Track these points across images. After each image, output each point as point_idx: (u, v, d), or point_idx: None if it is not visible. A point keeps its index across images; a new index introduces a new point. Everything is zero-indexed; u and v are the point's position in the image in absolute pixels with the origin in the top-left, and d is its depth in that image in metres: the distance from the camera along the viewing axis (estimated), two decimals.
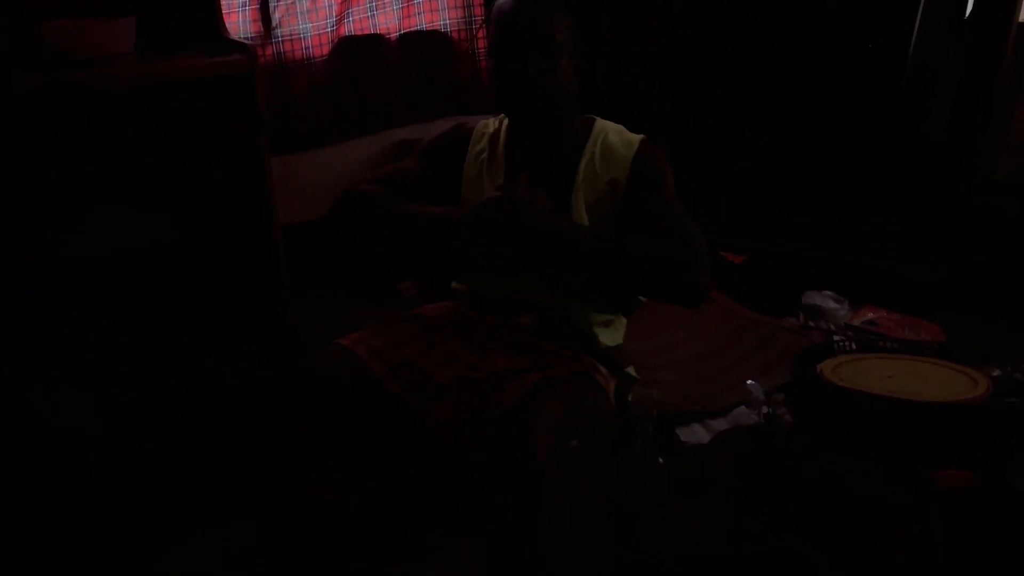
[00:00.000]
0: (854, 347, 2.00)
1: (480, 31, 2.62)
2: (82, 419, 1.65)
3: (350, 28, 2.45)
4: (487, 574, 1.19)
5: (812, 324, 2.22)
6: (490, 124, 1.60)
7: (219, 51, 1.89)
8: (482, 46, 2.64)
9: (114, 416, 1.65)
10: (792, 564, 1.37)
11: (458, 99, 2.68)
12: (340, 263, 2.48)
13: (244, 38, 2.20)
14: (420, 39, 2.58)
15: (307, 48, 2.37)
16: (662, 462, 1.65)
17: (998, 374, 1.80)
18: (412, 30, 2.56)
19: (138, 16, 1.86)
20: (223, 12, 2.03)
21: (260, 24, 2.27)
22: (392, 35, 2.53)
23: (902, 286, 2.37)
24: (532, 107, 1.45)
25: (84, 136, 1.78)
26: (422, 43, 2.58)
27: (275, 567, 1.41)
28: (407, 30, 2.55)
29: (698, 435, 1.77)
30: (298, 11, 2.33)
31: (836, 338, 2.09)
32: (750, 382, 1.85)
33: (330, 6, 2.37)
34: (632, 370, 1.56)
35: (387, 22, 2.51)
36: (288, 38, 2.33)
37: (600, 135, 1.51)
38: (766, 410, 1.78)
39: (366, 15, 2.47)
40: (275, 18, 2.29)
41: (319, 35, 2.38)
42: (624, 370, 1.52)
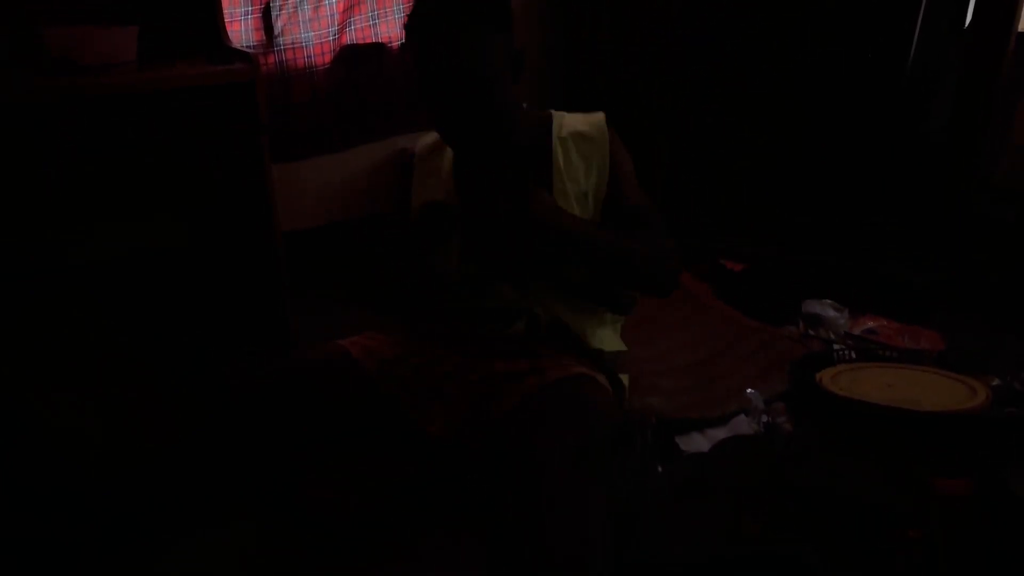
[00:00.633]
0: (854, 356, 2.00)
1: None
2: (82, 419, 1.66)
3: (352, 36, 2.46)
4: (487, 574, 1.19)
5: (812, 332, 2.22)
6: (429, 141, 1.56)
7: (221, 59, 1.91)
8: None
9: (114, 416, 1.65)
10: (792, 570, 1.37)
11: None
12: (341, 269, 2.49)
13: (246, 46, 2.21)
14: (408, 38, 2.58)
15: (309, 56, 2.38)
16: (661, 469, 1.65)
17: (997, 383, 1.79)
18: None
19: (141, 24, 1.87)
20: (226, 20, 2.05)
21: (262, 32, 2.29)
22: (394, 43, 2.54)
23: (901, 291, 2.37)
24: (471, 141, 1.39)
25: (87, 142, 1.79)
26: None
27: (275, 567, 1.41)
28: None
29: (697, 443, 1.77)
30: (300, 20, 2.34)
31: (836, 347, 2.09)
32: (750, 390, 1.84)
33: (332, 15, 2.39)
34: (625, 378, 1.56)
35: (388, 31, 2.52)
36: (290, 46, 2.34)
37: (563, 127, 1.46)
38: (766, 419, 1.78)
39: (368, 24, 2.48)
40: (277, 26, 2.30)
41: (321, 43, 2.39)
42: (617, 376, 1.52)
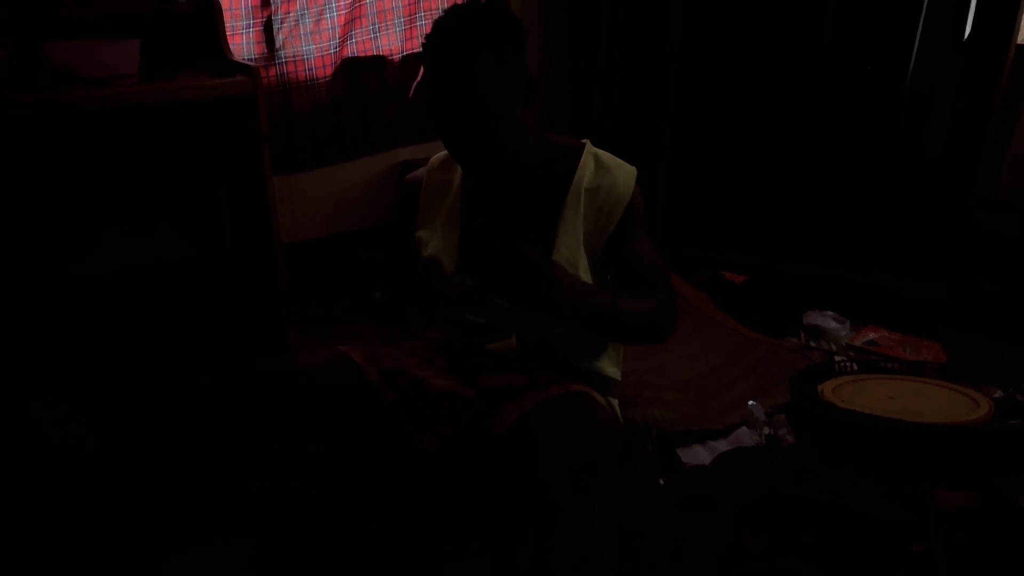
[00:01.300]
0: (855, 367, 2.00)
1: None
2: (80, 433, 1.66)
3: (353, 49, 2.47)
4: None
5: (813, 344, 2.21)
6: (441, 157, 1.56)
7: (223, 72, 1.91)
8: None
9: (112, 430, 1.65)
10: None
11: None
12: (342, 280, 2.49)
13: (248, 59, 2.22)
14: (422, 60, 2.60)
15: (310, 69, 2.39)
16: (662, 483, 1.65)
17: (999, 395, 1.79)
18: (414, 51, 2.58)
19: (143, 37, 1.88)
20: (228, 34, 2.06)
21: (264, 45, 2.30)
22: (395, 56, 2.55)
23: (902, 304, 2.37)
24: (483, 168, 1.39)
25: (87, 154, 1.80)
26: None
27: None
28: (409, 51, 2.57)
29: (699, 456, 1.76)
30: (301, 33, 2.35)
31: (837, 358, 2.08)
32: (751, 403, 1.84)
33: (333, 28, 2.40)
34: (616, 403, 1.55)
35: (389, 43, 2.53)
36: (291, 59, 2.35)
37: (591, 163, 1.43)
38: (767, 431, 1.78)
39: (369, 37, 2.49)
40: (279, 39, 2.32)
41: (322, 56, 2.40)
42: (608, 398, 1.51)
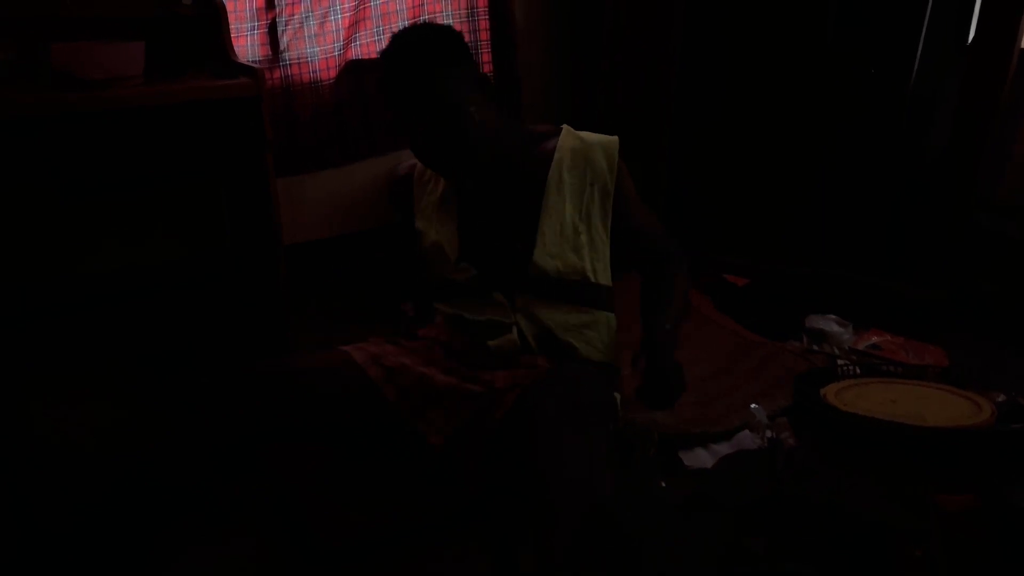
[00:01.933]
0: (858, 371, 2.00)
1: (485, 55, 2.64)
2: (80, 433, 1.66)
3: (357, 52, 2.48)
4: None
5: (815, 347, 2.21)
6: None
7: (226, 74, 1.92)
8: (487, 70, 2.67)
9: (111, 432, 1.65)
10: None
11: None
12: (344, 282, 2.49)
13: (252, 61, 2.22)
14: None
15: (314, 71, 2.39)
16: (664, 485, 1.65)
17: (1002, 399, 1.79)
18: None
19: (148, 39, 1.88)
20: (232, 36, 2.06)
21: (268, 47, 2.30)
22: None
23: (904, 308, 2.37)
24: (449, 166, 1.50)
25: (90, 156, 1.80)
26: None
27: None
28: None
29: (701, 458, 1.76)
30: (306, 35, 2.36)
31: (840, 362, 2.08)
32: (753, 405, 1.84)
33: (337, 30, 2.40)
34: (619, 398, 1.56)
35: None
36: (296, 61, 2.36)
37: (569, 140, 1.54)
38: (770, 434, 1.78)
39: (373, 39, 2.49)
40: (283, 42, 2.32)
41: (326, 58, 2.40)
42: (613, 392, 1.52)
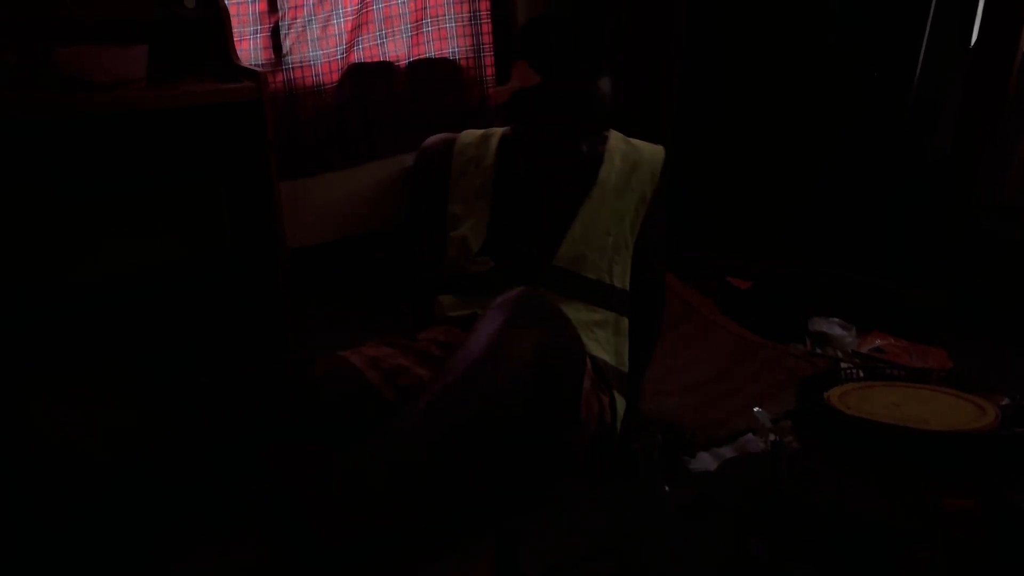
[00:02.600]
0: (861, 374, 1.99)
1: (488, 59, 2.65)
2: (80, 433, 1.66)
3: (360, 55, 2.48)
4: None
5: (819, 351, 2.21)
6: (474, 133, 1.66)
7: (229, 78, 1.92)
8: (490, 74, 2.67)
9: (113, 434, 1.65)
10: None
11: (466, 125, 2.69)
12: (346, 285, 2.49)
13: (255, 65, 2.23)
14: (429, 66, 2.61)
15: (317, 75, 2.40)
16: (667, 488, 1.64)
17: (1007, 403, 1.78)
18: (421, 57, 2.59)
19: (151, 43, 1.88)
20: (235, 39, 2.06)
21: (271, 51, 2.30)
22: (401, 62, 2.56)
23: (908, 311, 2.37)
24: (569, 124, 1.53)
25: (93, 158, 1.81)
26: (431, 70, 2.61)
27: None
28: (416, 57, 2.58)
29: (704, 462, 1.76)
30: (308, 38, 2.36)
31: (843, 365, 2.08)
32: (757, 409, 1.84)
33: (340, 34, 2.40)
34: (622, 402, 1.56)
35: (396, 50, 2.54)
36: (298, 65, 2.36)
37: (621, 144, 1.58)
38: (773, 437, 1.77)
39: (375, 43, 2.50)
40: (286, 45, 2.32)
41: (329, 62, 2.41)
42: (614, 394, 1.52)
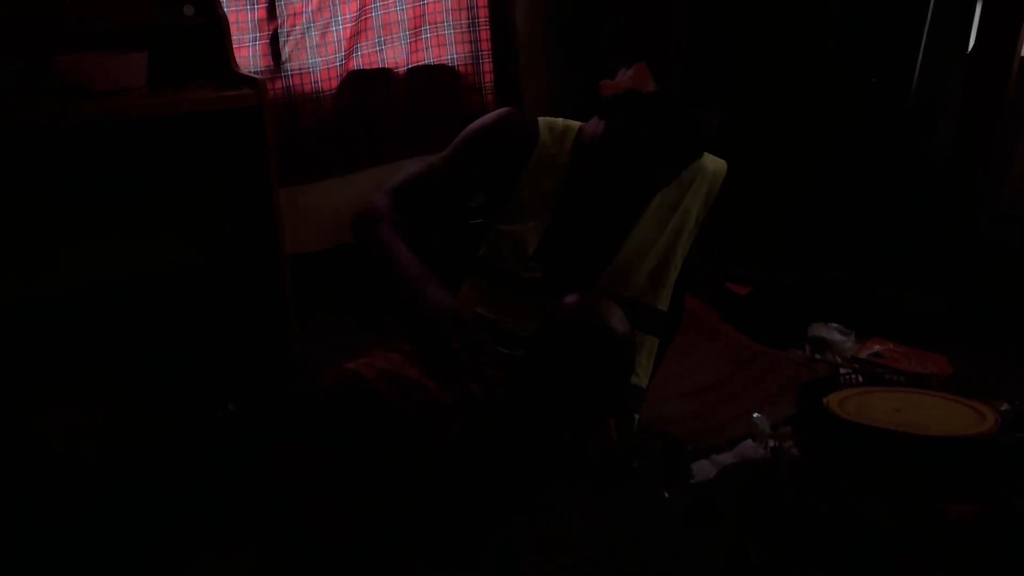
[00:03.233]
0: (861, 380, 1.99)
1: (487, 65, 2.65)
2: (80, 433, 1.66)
3: (359, 62, 2.49)
4: None
5: (818, 356, 2.21)
6: (556, 124, 1.56)
7: (229, 85, 1.93)
8: (489, 80, 2.68)
9: (115, 440, 1.65)
10: None
11: None
12: (347, 291, 2.49)
13: (254, 72, 2.23)
14: (428, 73, 2.61)
15: (316, 82, 2.40)
16: (667, 495, 1.64)
17: (1006, 408, 1.78)
18: (420, 64, 2.59)
19: (151, 50, 1.89)
20: (234, 47, 2.07)
21: (270, 58, 2.31)
22: (400, 69, 2.56)
23: (907, 317, 2.37)
24: (677, 135, 1.46)
25: (95, 164, 1.81)
26: (430, 77, 2.62)
27: None
28: (415, 64, 2.59)
29: (704, 469, 1.76)
30: (307, 45, 2.36)
31: (842, 371, 2.08)
32: (756, 415, 1.84)
33: (339, 41, 2.41)
34: (635, 418, 1.56)
35: (395, 56, 2.54)
36: (297, 72, 2.37)
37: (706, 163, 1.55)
38: (772, 443, 1.77)
39: (374, 49, 2.50)
40: (285, 52, 2.33)
41: (328, 69, 2.41)
42: (629, 414, 1.52)
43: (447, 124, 2.68)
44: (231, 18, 2.09)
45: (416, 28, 2.55)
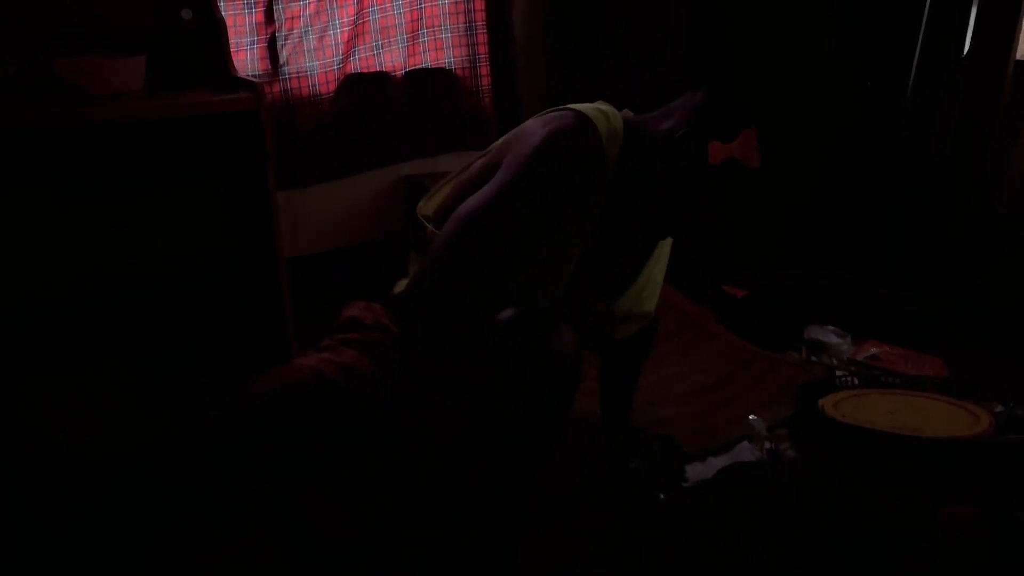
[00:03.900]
0: (856, 382, 2.00)
1: (484, 68, 2.66)
2: (79, 436, 1.66)
3: (356, 66, 2.49)
4: None
5: (814, 359, 2.21)
6: (613, 132, 1.41)
7: (226, 88, 1.93)
8: (486, 83, 2.68)
9: (115, 440, 1.65)
10: None
11: (462, 134, 2.72)
12: (346, 294, 2.49)
13: (252, 75, 2.24)
14: (425, 76, 2.62)
15: (314, 85, 2.41)
16: (663, 497, 1.65)
17: (1000, 410, 1.79)
18: (417, 67, 2.60)
19: (149, 54, 1.90)
20: (232, 50, 2.07)
21: (268, 62, 2.31)
22: (398, 72, 2.57)
23: (903, 319, 2.37)
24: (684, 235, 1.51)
25: (93, 168, 1.81)
26: (427, 80, 2.62)
27: None
28: (412, 67, 2.59)
29: (700, 471, 1.76)
30: (305, 49, 2.37)
31: (838, 373, 2.08)
32: (752, 417, 1.84)
33: (336, 44, 2.42)
34: None
35: (393, 60, 2.55)
36: (295, 75, 2.37)
37: None
38: (769, 445, 1.78)
39: (372, 53, 2.51)
40: (282, 56, 2.33)
41: (326, 72, 2.42)
42: None
43: (444, 127, 2.69)
44: (229, 21, 2.09)
45: (414, 32, 2.56)
